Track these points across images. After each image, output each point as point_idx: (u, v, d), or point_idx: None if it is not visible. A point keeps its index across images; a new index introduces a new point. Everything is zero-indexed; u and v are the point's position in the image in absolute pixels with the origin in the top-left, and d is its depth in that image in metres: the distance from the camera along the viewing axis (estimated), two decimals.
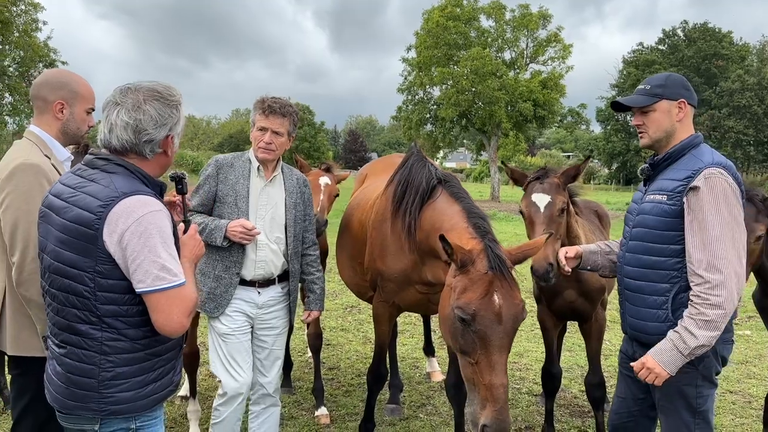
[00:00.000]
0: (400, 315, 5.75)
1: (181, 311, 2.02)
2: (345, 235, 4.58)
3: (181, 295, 2.02)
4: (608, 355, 6.53)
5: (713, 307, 2.45)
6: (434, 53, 39.27)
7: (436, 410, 5.04)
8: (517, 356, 6.45)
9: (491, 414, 2.54)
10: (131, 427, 2.11)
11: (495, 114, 37.75)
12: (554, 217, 3.47)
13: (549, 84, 39.33)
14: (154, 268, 1.95)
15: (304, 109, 57.92)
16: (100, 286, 1.99)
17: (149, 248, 1.94)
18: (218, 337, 3.41)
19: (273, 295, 3.52)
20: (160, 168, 2.21)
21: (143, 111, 2.07)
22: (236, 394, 3.39)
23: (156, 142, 2.11)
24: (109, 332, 2.02)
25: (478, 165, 68.34)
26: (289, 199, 3.51)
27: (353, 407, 5.02)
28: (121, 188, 2.00)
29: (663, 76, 2.76)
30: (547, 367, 4.21)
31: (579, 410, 5.09)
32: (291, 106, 3.43)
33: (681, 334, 2.52)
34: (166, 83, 2.20)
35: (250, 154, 3.50)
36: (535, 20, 39.81)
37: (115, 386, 2.04)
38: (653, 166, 2.79)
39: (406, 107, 42.79)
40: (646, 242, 2.72)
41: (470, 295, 2.64)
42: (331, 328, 7.45)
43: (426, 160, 3.74)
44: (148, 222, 1.96)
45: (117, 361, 2.03)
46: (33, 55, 30.41)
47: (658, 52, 56.41)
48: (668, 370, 2.55)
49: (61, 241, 2.02)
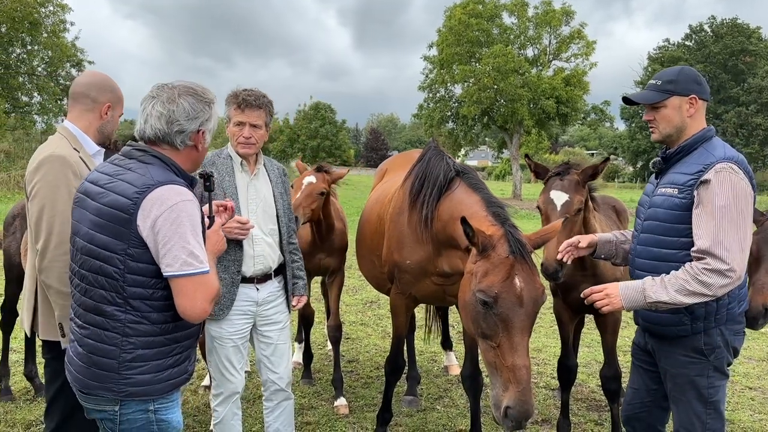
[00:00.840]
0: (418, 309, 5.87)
1: (204, 297, 2.12)
2: (364, 229, 4.66)
3: (205, 281, 2.12)
4: (627, 351, 6.53)
5: (700, 284, 2.47)
6: (456, 51, 39.13)
7: (453, 402, 5.10)
8: (535, 351, 6.48)
9: (514, 395, 2.55)
10: (149, 408, 2.20)
11: (517, 111, 37.50)
12: (570, 217, 3.49)
13: (572, 81, 38.94)
14: (183, 253, 2.06)
15: (325, 108, 58.11)
16: (130, 268, 2.10)
17: (180, 234, 2.06)
18: (214, 341, 3.38)
19: (272, 290, 3.49)
20: (191, 162, 2.33)
21: (177, 103, 2.22)
22: (231, 394, 3.42)
23: (187, 134, 2.24)
24: (133, 314, 2.13)
25: (500, 163, 68.01)
26: (276, 190, 3.51)
27: (371, 398, 5.11)
28: (156, 177, 2.13)
29: (675, 70, 2.75)
30: (562, 360, 4.25)
31: (596, 404, 5.11)
32: (265, 97, 3.35)
33: (656, 285, 2.55)
34: (203, 86, 2.34)
35: (229, 150, 3.44)
36: (558, 17, 39.44)
37: (134, 368, 2.14)
38: (665, 159, 2.81)
39: (428, 105, 42.71)
40: (656, 235, 2.74)
41: (492, 278, 2.69)
42: (351, 323, 7.55)
43: (444, 154, 3.80)
44: (180, 210, 2.07)
45: (137, 343, 2.14)
46: (61, 56, 30.93)
47: (684, 48, 55.55)
48: (624, 304, 2.62)
49: (96, 224, 2.13)
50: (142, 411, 2.19)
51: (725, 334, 2.67)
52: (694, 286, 2.48)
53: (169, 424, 2.26)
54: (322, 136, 56.12)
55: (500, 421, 2.62)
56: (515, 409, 2.53)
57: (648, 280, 2.61)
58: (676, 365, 2.76)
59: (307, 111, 58.41)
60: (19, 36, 29.83)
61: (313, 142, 55.95)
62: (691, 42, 56.52)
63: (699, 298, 2.50)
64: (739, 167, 2.56)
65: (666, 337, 2.79)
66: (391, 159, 5.78)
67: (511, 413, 2.55)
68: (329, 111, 58.15)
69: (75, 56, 32.09)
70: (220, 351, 3.37)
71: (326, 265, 5.11)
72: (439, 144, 4.02)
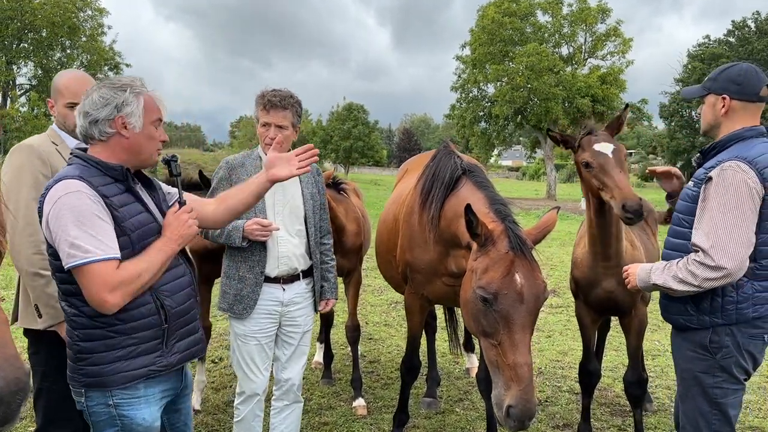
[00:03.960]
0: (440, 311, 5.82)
1: (98, 288, 2.06)
2: (382, 230, 4.66)
3: (96, 270, 2.05)
4: (656, 355, 6.36)
5: (688, 273, 2.55)
6: (489, 50, 38.89)
7: (473, 405, 5.03)
8: (560, 354, 6.36)
9: (516, 394, 2.50)
10: (109, 403, 2.21)
11: (551, 110, 37.08)
12: (623, 161, 3.43)
13: (608, 79, 38.35)
14: (65, 245, 2.07)
15: (358, 108, 58.35)
16: (55, 266, 2.19)
17: (61, 227, 2.07)
18: (237, 338, 3.38)
19: (298, 292, 3.45)
20: (126, 151, 2.29)
21: (89, 98, 2.26)
22: (253, 394, 3.41)
23: (102, 122, 2.24)
24: (73, 309, 2.20)
25: (534, 162, 67.24)
26: (305, 190, 3.46)
27: (390, 400, 5.08)
28: (57, 176, 2.19)
29: (722, 68, 2.80)
30: (584, 364, 4.16)
31: (620, 409, 4.99)
32: (292, 97, 3.31)
33: (659, 269, 2.70)
34: (134, 77, 2.38)
35: (259, 151, 3.42)
36: (594, 14, 38.87)
37: (83, 360, 2.20)
38: (704, 154, 2.84)
39: (460, 105, 42.52)
40: (675, 225, 2.81)
41: (492, 274, 2.66)
42: (375, 323, 7.53)
43: (453, 153, 3.77)
44: (62, 203, 2.08)
45: (81, 336, 2.20)
46: (99, 59, 31.84)
47: (726, 45, 53.98)
48: (637, 282, 2.82)
49: None
50: (103, 405, 2.21)
51: (737, 335, 2.62)
52: (683, 273, 2.57)
53: (132, 421, 2.23)
54: (354, 137, 56.35)
55: (503, 422, 2.57)
56: (517, 408, 2.49)
57: (657, 263, 2.75)
58: (683, 360, 2.78)
59: (340, 112, 58.76)
60: (59, 40, 30.78)
61: (346, 143, 56.24)
62: (734, 38, 54.91)
63: (687, 287, 2.58)
64: (751, 166, 2.53)
65: (676, 327, 2.83)
66: (412, 159, 5.75)
67: (513, 412, 2.50)
68: (362, 112, 58.37)
69: (113, 59, 33.00)
70: (243, 348, 3.36)
71: (340, 266, 5.10)
72: (450, 143, 3.98)
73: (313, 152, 2.77)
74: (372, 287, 9.29)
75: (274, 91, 3.28)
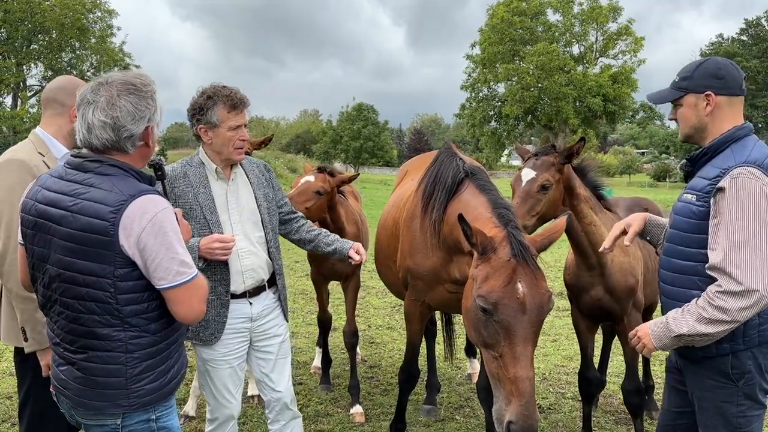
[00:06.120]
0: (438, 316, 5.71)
1: (200, 299, 2.13)
2: (381, 234, 4.57)
3: (198, 284, 2.11)
4: (663, 361, 6.21)
5: (716, 309, 2.22)
6: (499, 49, 38.75)
7: (474, 413, 4.92)
8: (565, 359, 6.24)
9: (517, 410, 2.42)
10: (151, 417, 2.15)
11: (562, 110, 36.89)
12: (532, 193, 3.49)
13: (620, 78, 38.07)
14: (174, 264, 2.01)
15: (368, 109, 58.33)
16: (121, 289, 2.02)
17: (166, 246, 2.00)
18: (206, 363, 3.08)
19: (266, 303, 3.18)
20: (142, 159, 2.21)
21: (118, 108, 2.03)
22: (227, 419, 3.16)
23: (136, 137, 2.10)
24: (132, 331, 2.07)
25: None
26: (258, 192, 3.15)
27: (390, 406, 4.97)
28: (126, 190, 2.01)
29: (693, 65, 2.52)
30: (582, 372, 4.06)
31: (625, 417, 4.85)
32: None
33: (679, 317, 2.33)
34: (139, 72, 2.23)
35: (201, 156, 3.08)
36: (605, 13, 38.62)
37: (143, 380, 2.10)
38: (692, 161, 2.57)
39: (470, 105, 42.37)
40: (676, 245, 2.51)
41: (492, 283, 2.55)
42: (378, 326, 7.44)
43: (455, 155, 3.66)
44: (161, 221, 2.00)
45: (142, 356, 2.10)
46: (108, 60, 32.04)
47: (739, 44, 53.39)
48: (655, 343, 2.39)
49: (71, 250, 2.01)
50: (144, 422, 2.15)
51: (758, 357, 2.39)
52: (711, 312, 2.23)
53: (171, 431, 2.23)
54: (364, 137, 56.33)
55: None
56: (518, 425, 2.41)
57: (671, 313, 2.38)
58: (702, 388, 2.50)
59: (350, 112, 58.76)
60: (69, 41, 30.99)
61: (356, 143, 56.23)
62: (747, 36, 54.31)
63: (720, 326, 2.24)
64: (763, 171, 2.29)
65: (690, 358, 2.53)
66: (412, 160, 5.65)
67: (513, 429, 2.43)
68: (372, 112, 58.34)
69: (122, 60, 33.19)
70: (213, 374, 3.09)
71: (339, 270, 5.04)
72: (452, 144, 3.88)
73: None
74: (376, 289, 9.20)
75: (229, 87, 3.00)
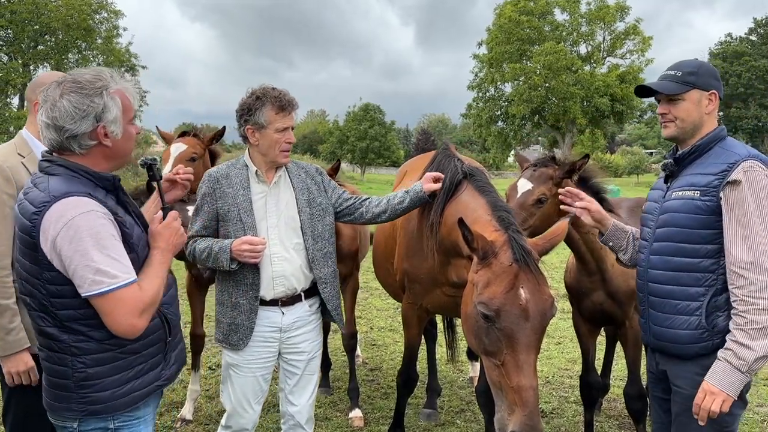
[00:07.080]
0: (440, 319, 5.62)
1: (127, 313, 1.93)
2: (379, 236, 4.50)
3: (125, 296, 1.92)
4: None
5: (763, 311, 2.20)
6: (506, 49, 38.59)
7: (475, 417, 4.84)
8: (569, 362, 6.15)
9: (520, 419, 2.33)
10: (109, 427, 2.07)
11: (569, 110, 36.70)
12: (526, 205, 3.38)
13: (627, 78, 37.83)
14: (89, 272, 1.87)
15: (374, 109, 58.22)
16: (51, 292, 1.95)
17: (80, 253, 1.86)
18: (230, 368, 3.07)
19: (300, 315, 3.10)
20: (107, 160, 2.09)
21: (58, 108, 1.95)
22: (241, 430, 3.12)
23: (81, 136, 1.98)
24: (75, 335, 1.98)
25: None
26: (300, 197, 3.09)
27: (389, 410, 4.90)
28: (54, 191, 1.91)
29: (695, 63, 2.53)
30: (583, 376, 3.97)
31: (629, 422, 4.76)
32: None
33: (734, 350, 2.25)
34: (100, 69, 2.09)
35: (246, 159, 3.09)
36: (613, 12, 38.40)
37: (89, 387, 2.01)
38: (677, 160, 2.56)
39: (476, 104, 42.23)
40: (676, 242, 2.46)
41: (494, 289, 2.46)
42: (380, 328, 7.37)
43: (453, 156, 3.58)
44: (77, 225, 1.87)
45: (88, 362, 1.99)
46: (114, 61, 32.04)
47: (748, 43, 52.93)
48: (730, 392, 2.26)
49: (18, 249, 2.01)
50: (101, 429, 2.07)
51: None
52: (764, 318, 2.21)
53: None
54: (371, 137, 56.23)
55: None
56: None
57: (721, 355, 2.30)
58: (690, 386, 2.43)
59: (356, 112, 58.69)
60: (75, 42, 31.06)
61: (362, 144, 56.13)
62: (756, 36, 53.85)
63: None
64: (765, 165, 2.33)
65: (682, 357, 2.48)
66: (411, 160, 5.57)
67: None
68: (378, 112, 58.24)
69: (128, 61, 33.25)
70: (235, 380, 3.05)
71: None
72: (450, 145, 3.80)
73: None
74: (379, 291, 9.11)
75: (279, 89, 3.01)
